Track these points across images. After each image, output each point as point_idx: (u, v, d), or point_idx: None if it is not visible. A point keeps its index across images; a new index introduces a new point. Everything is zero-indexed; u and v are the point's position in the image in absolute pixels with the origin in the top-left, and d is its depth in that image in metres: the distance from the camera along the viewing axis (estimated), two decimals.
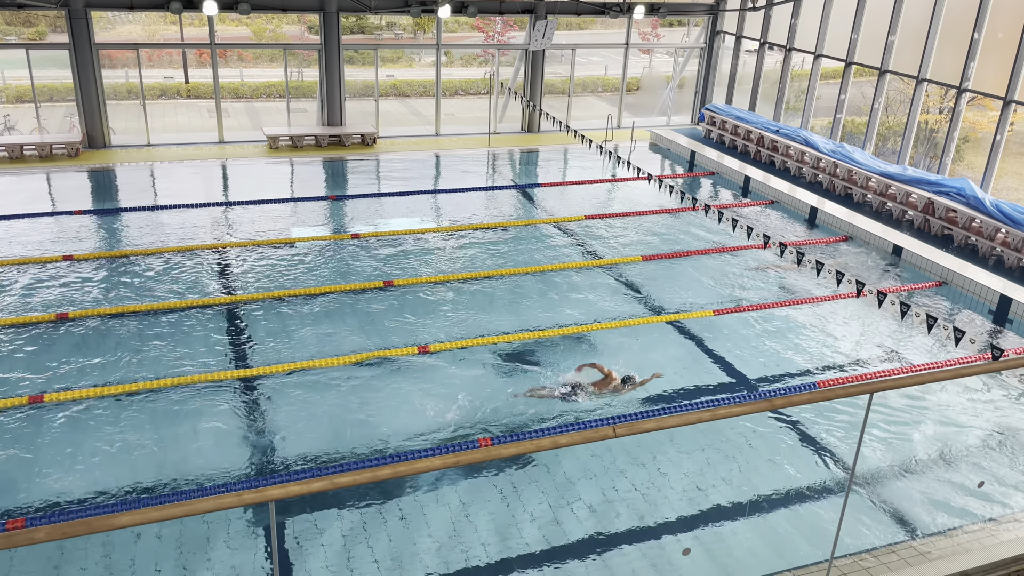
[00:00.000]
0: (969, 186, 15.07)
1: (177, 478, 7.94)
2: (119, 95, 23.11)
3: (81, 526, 3.27)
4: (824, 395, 4.49)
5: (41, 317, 10.85)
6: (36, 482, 7.81)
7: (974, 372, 4.74)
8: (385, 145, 20.37)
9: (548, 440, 4.08)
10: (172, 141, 19.94)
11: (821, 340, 11.42)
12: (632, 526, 7.51)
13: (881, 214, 16.51)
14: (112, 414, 8.89)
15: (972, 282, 13.18)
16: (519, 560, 7.06)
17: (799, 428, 9.22)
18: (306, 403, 9.26)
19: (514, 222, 15.59)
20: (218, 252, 13.40)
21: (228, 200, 16.16)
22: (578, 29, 28.88)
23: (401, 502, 7.63)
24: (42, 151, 17.85)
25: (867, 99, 19.06)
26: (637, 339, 11.11)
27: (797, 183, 18.28)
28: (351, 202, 16.44)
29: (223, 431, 8.72)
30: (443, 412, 9.20)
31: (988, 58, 15.97)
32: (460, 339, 10.80)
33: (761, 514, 7.77)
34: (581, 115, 24.27)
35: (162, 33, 25.79)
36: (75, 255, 12.90)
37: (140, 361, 9.97)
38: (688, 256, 14.16)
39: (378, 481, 3.74)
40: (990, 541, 6.64)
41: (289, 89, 21.50)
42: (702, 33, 23.95)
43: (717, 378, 10.29)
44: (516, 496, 7.81)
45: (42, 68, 19.91)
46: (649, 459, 8.45)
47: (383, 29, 27.93)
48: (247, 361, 10.11)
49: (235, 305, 11.57)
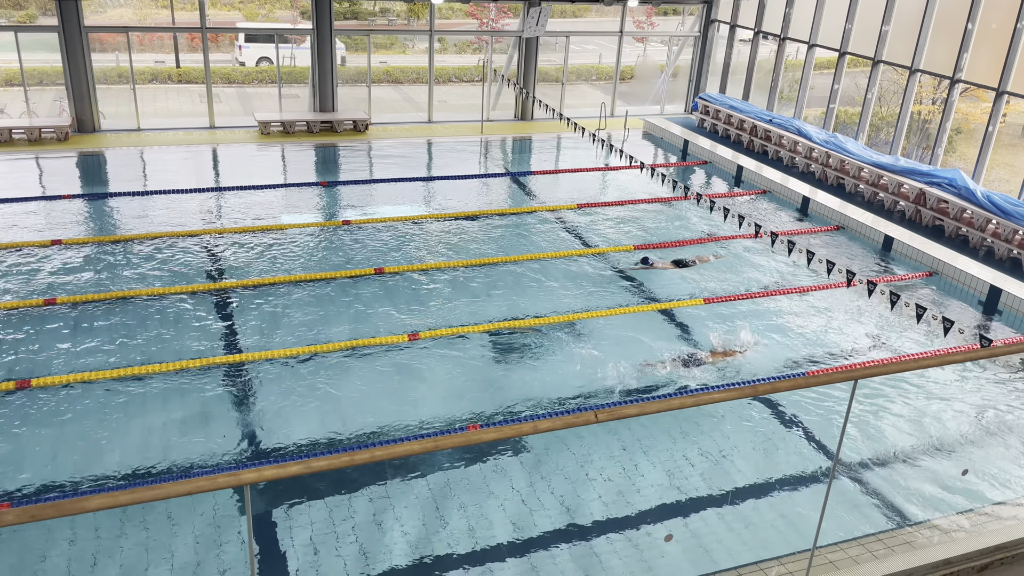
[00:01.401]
0: (961, 177, 15.06)
1: (164, 465, 7.91)
2: (109, 79, 22.95)
3: (51, 509, 3.22)
4: (807, 382, 4.47)
5: (30, 302, 10.77)
6: (20, 468, 7.76)
7: (957, 360, 4.72)
8: (377, 132, 20.27)
9: (529, 425, 4.05)
10: (162, 126, 19.80)
11: (811, 329, 11.40)
12: (615, 513, 7.51)
13: (873, 204, 16.50)
14: (100, 399, 8.84)
15: (963, 272, 13.18)
16: (506, 546, 7.05)
17: (784, 416, 9.22)
18: (296, 391, 9.22)
19: (507, 210, 15.53)
20: (207, 238, 13.32)
21: (218, 186, 16.06)
22: (572, 17, 28.75)
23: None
24: (31, 135, 17.71)
25: (860, 89, 19.02)
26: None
27: (789, 173, 18.25)
28: (342, 188, 16.36)
29: (211, 418, 8.68)
30: (432, 401, 9.18)
31: (981, 49, 15.94)
32: (451, 326, 10.76)
33: (743, 501, 7.77)
34: (575, 103, 24.17)
35: (153, 17, 25.61)
36: (64, 240, 12.81)
37: (128, 346, 9.91)
38: (680, 246, 14.12)
39: (356, 465, 3.70)
40: (973, 529, 6.65)
41: (281, 75, 21.36)
42: (696, 22, 23.85)
43: (709, 370, 10.28)
44: (501, 479, 7.80)
45: (31, 51, 19.71)
46: (634, 445, 8.44)
47: (376, 15, 27.77)
48: (236, 347, 10.06)
49: (223, 291, 11.51)
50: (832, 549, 6.44)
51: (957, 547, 5.64)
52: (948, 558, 5.41)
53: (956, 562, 5.37)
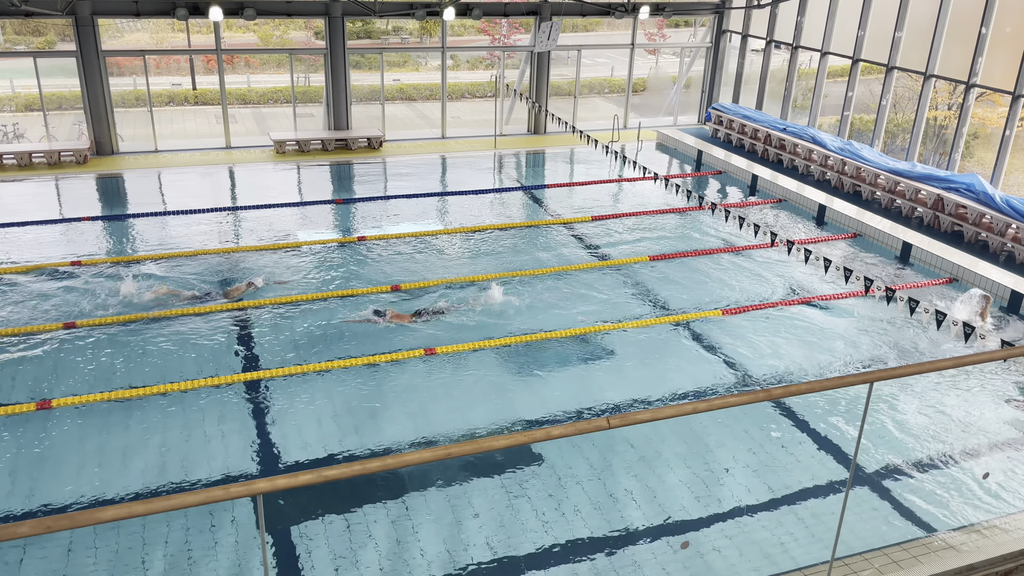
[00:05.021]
0: (979, 182, 14.93)
1: (183, 480, 7.95)
2: (127, 102, 23.26)
3: (65, 520, 3.24)
4: (823, 385, 4.43)
5: (49, 327, 10.85)
6: (45, 486, 7.81)
7: (975, 361, 4.66)
8: (391, 149, 20.39)
9: (541, 432, 4.03)
10: (180, 147, 20.02)
11: (830, 338, 11.31)
12: (636, 520, 7.45)
13: (890, 211, 16.38)
14: (119, 419, 8.90)
15: (983, 278, 13.04)
16: (527, 558, 7.01)
17: (802, 422, 9.13)
18: (314, 407, 9.23)
19: (521, 223, 15.55)
20: (224, 257, 13.42)
21: (235, 205, 16.20)
22: (584, 30, 28.86)
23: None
24: (50, 158, 17.96)
25: (875, 96, 18.93)
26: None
27: (805, 181, 18.17)
28: (357, 205, 16.45)
29: (230, 436, 8.71)
30: (448, 416, 9.17)
31: (996, 53, 15.83)
32: (467, 342, 10.76)
33: (757, 512, 7.69)
34: (587, 116, 24.22)
35: (169, 40, 25.96)
36: (83, 261, 12.95)
37: (147, 367, 9.98)
38: (696, 256, 14.07)
39: (368, 474, 3.70)
40: (996, 534, 6.54)
41: (296, 94, 21.57)
42: (708, 32, 23.87)
43: (725, 379, 10.21)
44: (520, 491, 7.76)
45: (51, 77, 20.04)
46: (654, 455, 8.39)
47: (389, 34, 28.00)
48: (253, 365, 10.10)
49: (242, 310, 11.57)
50: (855, 559, 6.36)
51: (980, 553, 5.56)
52: (972, 563, 5.33)
53: (980, 568, 5.29)
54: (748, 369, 10.38)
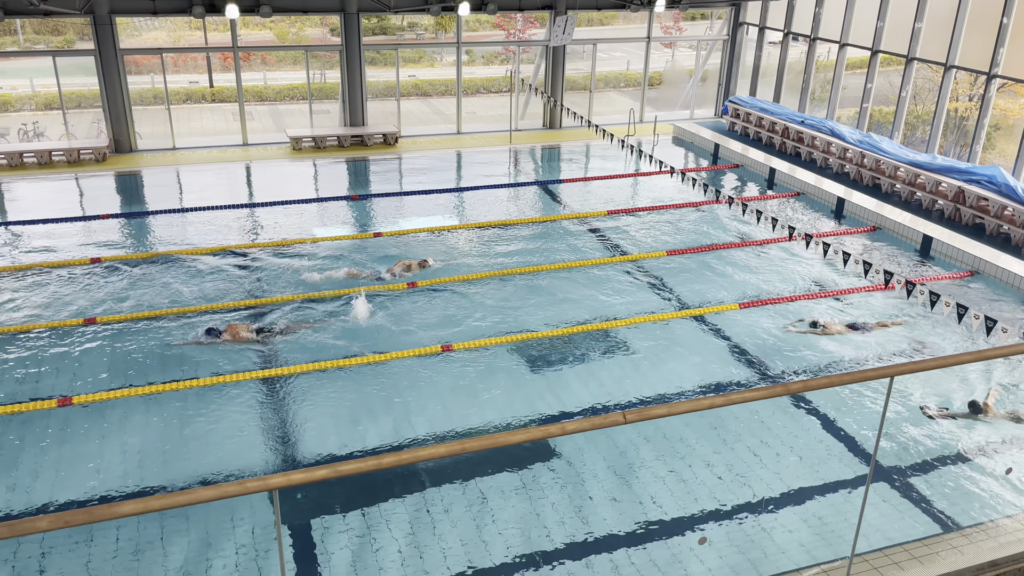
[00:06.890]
0: (1001, 174, 14.74)
1: (202, 476, 8.00)
2: (145, 100, 23.41)
3: (83, 515, 3.26)
4: (841, 379, 4.38)
5: (69, 322, 10.96)
6: (64, 482, 7.89)
7: (995, 355, 4.59)
8: (407, 144, 20.40)
9: (556, 427, 4.01)
10: (197, 144, 20.14)
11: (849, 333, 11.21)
12: (652, 515, 7.43)
13: (910, 204, 16.21)
14: (140, 415, 8.97)
15: (1005, 271, 12.88)
16: (542, 555, 7.00)
17: (822, 417, 9.06)
18: (331, 403, 9.26)
19: (538, 218, 15.52)
20: (242, 253, 13.49)
21: (252, 201, 16.27)
22: (599, 24, 28.75)
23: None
24: (70, 156, 18.11)
25: (894, 88, 18.73)
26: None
27: (823, 174, 18.01)
28: (374, 200, 16.48)
29: (249, 432, 8.76)
30: (463, 411, 9.17)
31: (1018, 43, 15.61)
32: (484, 337, 10.75)
33: (780, 507, 7.64)
34: (603, 110, 24.12)
35: (187, 38, 26.09)
36: (103, 258, 13.05)
37: (166, 363, 10.06)
38: (713, 250, 13.99)
39: (383, 469, 3.69)
40: (1019, 530, 6.47)
41: (312, 91, 21.62)
42: (725, 25, 23.71)
43: (744, 372, 10.15)
44: (537, 487, 7.75)
45: (69, 75, 20.19)
46: (670, 450, 8.35)
47: (404, 29, 28.01)
48: (270, 361, 10.15)
49: (260, 306, 11.63)
50: (876, 555, 6.31)
51: (1002, 550, 5.49)
52: (994, 559, 5.27)
53: (1002, 564, 5.22)
54: (766, 363, 10.31)
